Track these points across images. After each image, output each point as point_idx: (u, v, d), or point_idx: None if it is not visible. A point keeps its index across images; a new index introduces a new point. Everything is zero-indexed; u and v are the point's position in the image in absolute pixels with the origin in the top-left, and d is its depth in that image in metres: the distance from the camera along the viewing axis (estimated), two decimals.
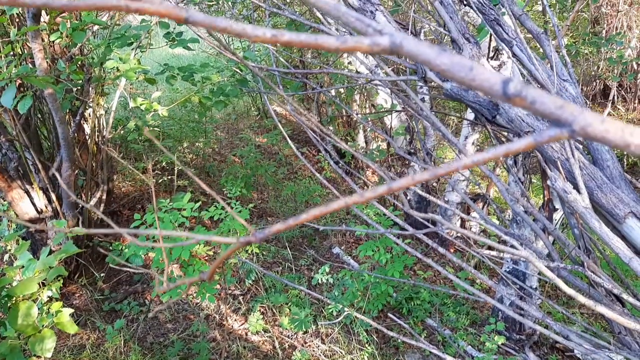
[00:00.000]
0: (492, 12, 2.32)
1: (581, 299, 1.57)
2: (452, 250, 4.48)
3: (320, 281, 2.80)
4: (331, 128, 6.91)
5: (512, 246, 1.93)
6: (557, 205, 3.11)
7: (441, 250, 1.95)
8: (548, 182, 1.98)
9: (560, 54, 2.36)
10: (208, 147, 5.73)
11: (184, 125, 5.51)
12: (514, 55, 2.26)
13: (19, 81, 1.99)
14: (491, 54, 4.14)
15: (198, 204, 2.58)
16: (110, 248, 3.31)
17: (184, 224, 2.49)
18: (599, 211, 1.93)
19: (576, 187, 1.85)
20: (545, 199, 3.20)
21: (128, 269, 1.15)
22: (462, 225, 4.92)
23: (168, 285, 0.86)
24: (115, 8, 0.42)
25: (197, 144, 5.62)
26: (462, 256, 4.08)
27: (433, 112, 4.90)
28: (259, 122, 7.51)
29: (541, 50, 2.25)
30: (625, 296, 1.77)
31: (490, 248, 2.74)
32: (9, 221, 2.96)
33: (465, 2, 2.37)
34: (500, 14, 2.35)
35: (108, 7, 0.43)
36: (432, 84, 2.31)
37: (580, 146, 2.19)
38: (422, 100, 4.89)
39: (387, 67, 2.45)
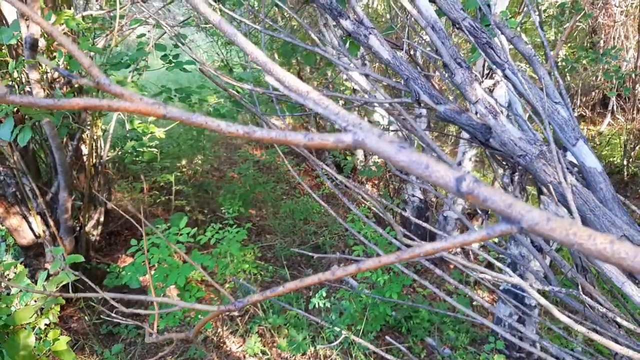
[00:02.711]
0: (484, 36, 2.34)
1: (575, 326, 1.58)
2: (451, 267, 4.47)
3: (317, 305, 2.80)
4: None
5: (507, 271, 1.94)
6: None
7: (438, 271, 1.95)
8: (541, 206, 1.99)
9: (553, 75, 2.38)
10: (206, 164, 5.76)
11: (182, 142, 5.54)
12: (506, 77, 2.29)
13: (17, 108, 2.02)
14: (486, 72, 4.17)
15: (194, 230, 2.60)
16: (108, 270, 3.32)
17: (180, 250, 2.50)
18: None
19: (569, 211, 1.86)
20: None
21: (126, 292, 1.16)
22: None
23: (157, 336, 0.87)
24: (98, 108, 0.44)
25: (195, 160, 5.65)
26: (462, 273, 4.08)
27: (429, 130, 4.92)
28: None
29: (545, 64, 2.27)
30: (619, 319, 1.77)
31: (485, 270, 2.74)
32: (7, 246, 2.97)
33: (457, 26, 2.40)
34: (492, 37, 2.37)
35: (90, 107, 0.45)
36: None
37: (575, 169, 2.20)
38: (420, 115, 4.92)
39: (382, 90, 2.47)
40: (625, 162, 6.25)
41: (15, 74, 2.41)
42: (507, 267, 3.35)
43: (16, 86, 2.50)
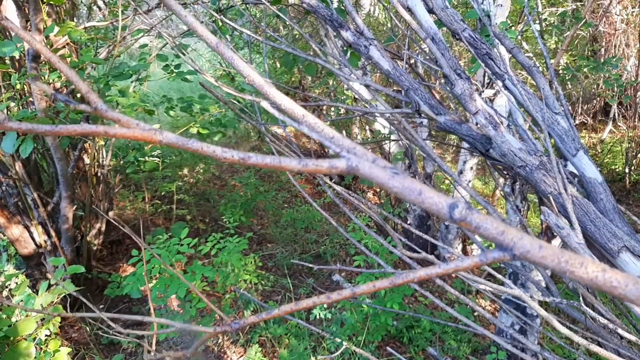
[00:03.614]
0: (484, 47, 2.35)
1: (576, 338, 1.57)
2: (453, 276, 4.46)
3: (318, 316, 2.80)
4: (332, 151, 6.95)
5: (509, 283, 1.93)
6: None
7: (439, 281, 1.95)
8: (541, 217, 1.99)
9: (553, 86, 2.39)
10: (208, 173, 5.77)
11: (183, 151, 5.56)
12: (506, 88, 2.29)
13: (19, 119, 2.04)
14: (487, 81, 4.18)
15: (195, 241, 2.60)
16: (109, 279, 3.32)
17: (181, 261, 2.51)
18: (593, 245, 1.93)
19: (569, 222, 1.85)
20: (544, 225, 3.20)
21: (127, 301, 1.16)
22: (464, 250, 4.91)
23: (155, 354, 0.87)
24: (95, 134, 0.45)
25: (196, 169, 5.66)
26: (463, 282, 4.07)
27: (429, 138, 4.92)
28: (259, 145, 7.57)
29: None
30: (621, 331, 1.76)
31: (485, 282, 2.74)
32: (8, 256, 2.98)
33: (457, 37, 2.40)
34: (492, 48, 2.37)
35: (88, 133, 0.45)
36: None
37: (575, 179, 2.20)
38: (421, 123, 4.93)
39: (382, 99, 2.48)
40: (627, 170, 6.24)
41: (18, 86, 2.44)
42: (508, 277, 3.33)
43: (19, 97, 2.51)
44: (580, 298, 1.93)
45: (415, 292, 3.93)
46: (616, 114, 7.92)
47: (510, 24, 3.27)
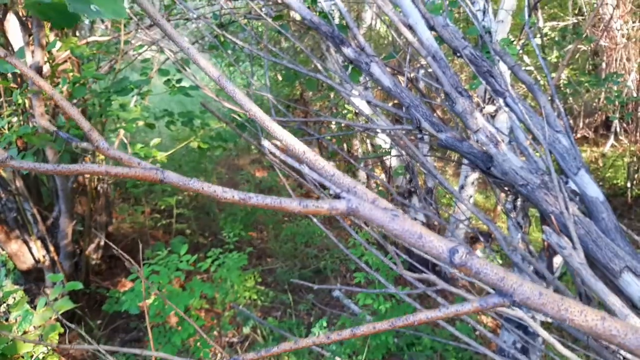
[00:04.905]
0: (485, 64, 2.36)
1: (577, 359, 1.56)
2: (455, 292, 4.43)
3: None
4: (332, 163, 6.93)
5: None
6: None
7: (440, 300, 1.94)
8: (543, 236, 1.98)
9: (554, 103, 2.40)
10: None
11: (184, 164, 5.57)
12: (507, 105, 2.30)
13: (20, 141, 2.05)
14: (488, 96, 4.18)
15: (194, 257, 2.59)
16: (108, 294, 3.30)
17: (179, 277, 2.50)
18: (595, 265, 1.92)
19: (571, 242, 1.84)
20: (546, 242, 3.19)
21: (125, 316, 1.15)
22: None
23: None
24: (96, 173, 0.45)
25: None
26: (465, 300, 4.03)
27: (430, 153, 4.92)
28: (259, 158, 7.58)
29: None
30: (623, 352, 1.75)
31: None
32: (7, 271, 2.97)
33: (458, 54, 2.41)
34: (493, 65, 2.38)
35: (89, 172, 0.45)
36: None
37: (577, 197, 2.19)
38: (422, 138, 4.93)
39: (383, 115, 2.48)
40: (628, 185, 6.23)
41: (20, 101, 2.44)
42: None
43: (20, 112, 2.52)
44: None
45: (416, 309, 3.90)
46: (618, 128, 7.92)
47: (512, 40, 3.28)
